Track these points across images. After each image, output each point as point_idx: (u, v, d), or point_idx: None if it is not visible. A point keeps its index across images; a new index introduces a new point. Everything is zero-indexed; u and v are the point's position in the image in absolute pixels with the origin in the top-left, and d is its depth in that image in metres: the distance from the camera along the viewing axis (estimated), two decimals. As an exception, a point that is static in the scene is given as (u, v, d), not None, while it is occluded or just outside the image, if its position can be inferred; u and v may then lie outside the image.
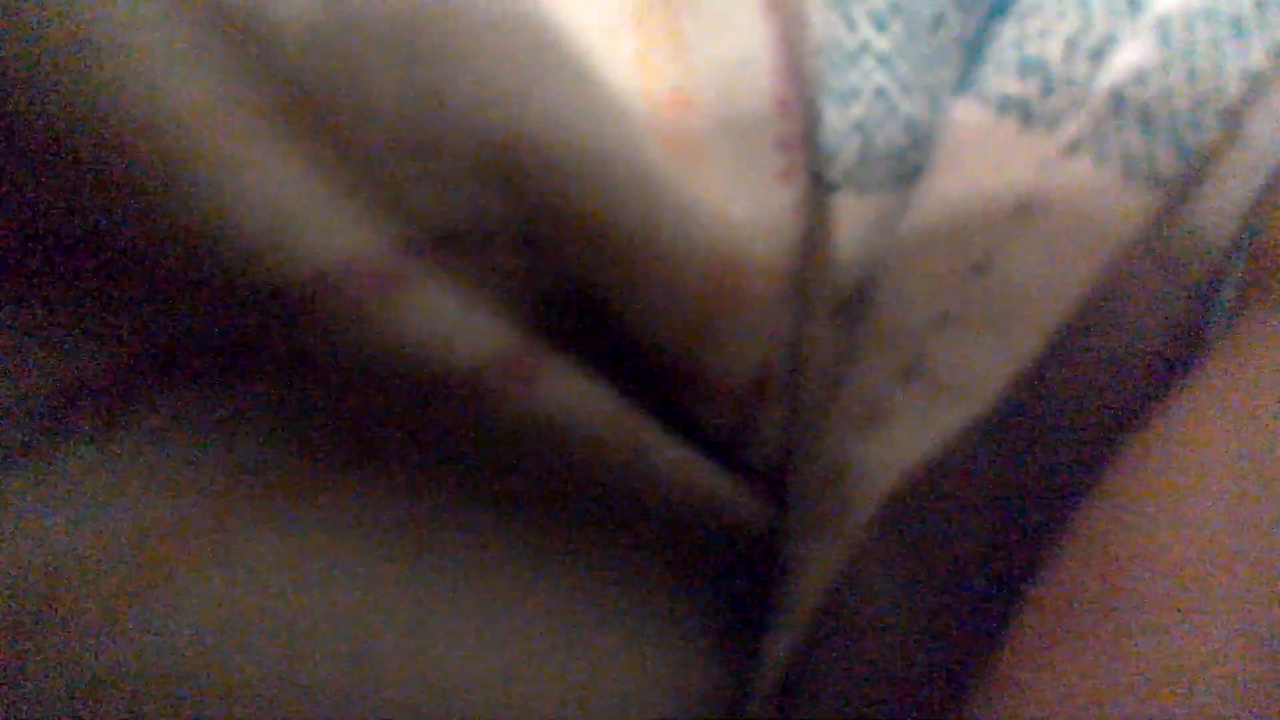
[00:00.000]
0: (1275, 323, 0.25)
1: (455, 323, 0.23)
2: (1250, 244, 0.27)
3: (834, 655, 0.26)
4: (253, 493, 0.22)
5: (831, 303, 0.27)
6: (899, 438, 0.26)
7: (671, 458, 0.25)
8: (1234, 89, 0.27)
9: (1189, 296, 0.27)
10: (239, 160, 0.21)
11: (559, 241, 0.24)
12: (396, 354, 0.22)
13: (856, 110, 0.27)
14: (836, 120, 0.27)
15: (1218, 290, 0.27)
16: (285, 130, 0.21)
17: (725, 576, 0.27)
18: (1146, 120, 0.26)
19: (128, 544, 0.21)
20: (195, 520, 0.22)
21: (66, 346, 0.21)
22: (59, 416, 0.21)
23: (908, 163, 0.27)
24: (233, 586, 0.22)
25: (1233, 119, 0.27)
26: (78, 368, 0.21)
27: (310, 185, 0.21)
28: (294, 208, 0.21)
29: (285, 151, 0.21)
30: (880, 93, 0.27)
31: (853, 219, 0.27)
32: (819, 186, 0.27)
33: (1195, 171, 0.27)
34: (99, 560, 0.21)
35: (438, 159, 0.23)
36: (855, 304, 0.27)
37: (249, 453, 0.22)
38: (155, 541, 0.21)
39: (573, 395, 0.24)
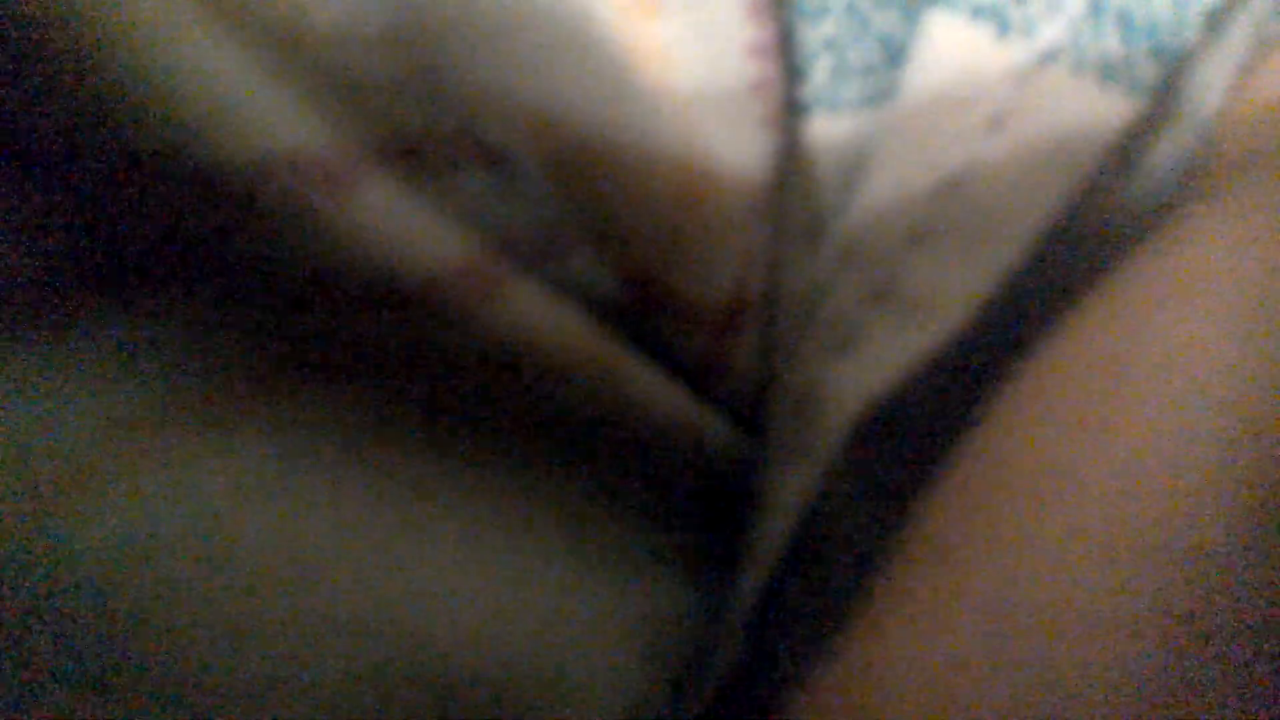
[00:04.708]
0: (1224, 214, 0.24)
1: (411, 229, 0.22)
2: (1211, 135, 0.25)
3: (807, 582, 0.26)
4: (195, 401, 0.22)
5: (807, 225, 0.26)
6: (870, 361, 0.25)
7: (644, 383, 0.25)
8: None
9: (1168, 210, 0.26)
10: (172, 41, 0.20)
11: (525, 149, 0.23)
12: (347, 257, 0.22)
13: (827, 27, 0.26)
14: (807, 38, 0.26)
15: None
16: (216, 15, 0.21)
17: (700, 505, 0.27)
18: (1125, 24, 0.25)
19: (60, 447, 0.21)
20: (138, 428, 0.22)
21: (2, 250, 0.21)
22: None
23: (882, 80, 0.26)
24: (174, 497, 0.22)
25: (1215, 21, 0.26)
26: (15, 271, 0.21)
27: (249, 76, 0.21)
28: (233, 97, 0.21)
29: (219, 36, 0.21)
30: (851, 8, 0.26)
31: (826, 139, 0.26)
32: (792, 104, 0.26)
33: (1175, 77, 0.25)
34: (29, 462, 0.21)
35: (393, 62, 0.22)
36: (830, 226, 0.26)
37: (192, 359, 0.22)
38: (89, 446, 0.21)
39: (538, 313, 0.24)
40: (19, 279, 0.21)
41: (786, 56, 0.26)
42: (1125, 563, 0.21)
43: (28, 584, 0.21)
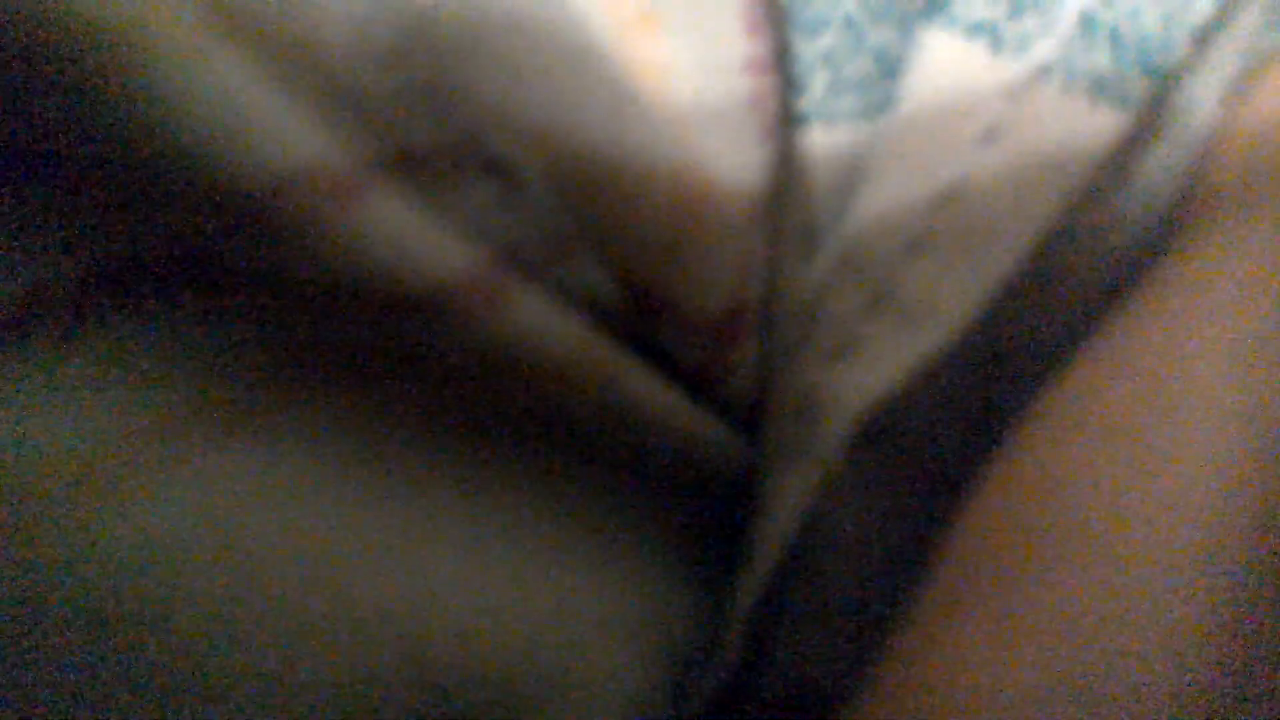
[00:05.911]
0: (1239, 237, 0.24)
1: (418, 239, 0.23)
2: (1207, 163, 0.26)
3: (807, 586, 0.26)
4: (211, 409, 0.22)
5: (803, 234, 0.27)
6: (868, 367, 0.26)
7: (644, 390, 0.25)
8: (1203, 7, 0.26)
9: (1160, 222, 0.26)
10: (187, 57, 0.21)
11: (527, 161, 0.24)
12: (355, 267, 0.22)
13: (825, 41, 0.27)
14: (804, 52, 0.27)
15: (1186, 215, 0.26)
16: (230, 32, 0.21)
17: (699, 508, 0.27)
18: (1115, 42, 0.26)
19: (79, 454, 0.22)
20: (150, 434, 0.22)
21: (23, 258, 0.21)
22: (16, 326, 0.21)
23: (878, 93, 0.27)
24: (185, 501, 0.22)
25: (1203, 39, 0.26)
26: (36, 279, 0.21)
27: (262, 91, 0.21)
28: (246, 112, 0.21)
29: (233, 53, 0.21)
30: (849, 22, 0.27)
31: (823, 150, 0.27)
32: (789, 116, 0.27)
33: (1164, 93, 0.26)
34: (48, 467, 0.21)
35: (400, 77, 0.23)
36: (826, 235, 0.27)
37: (202, 366, 0.22)
38: (108, 452, 0.22)
39: (542, 321, 0.24)
40: (36, 287, 0.21)
41: (783, 70, 0.27)
42: (1189, 580, 0.21)
43: (39, 587, 0.21)
